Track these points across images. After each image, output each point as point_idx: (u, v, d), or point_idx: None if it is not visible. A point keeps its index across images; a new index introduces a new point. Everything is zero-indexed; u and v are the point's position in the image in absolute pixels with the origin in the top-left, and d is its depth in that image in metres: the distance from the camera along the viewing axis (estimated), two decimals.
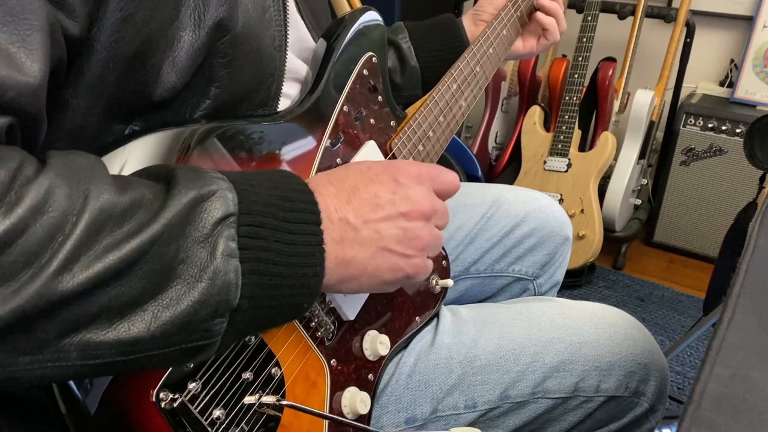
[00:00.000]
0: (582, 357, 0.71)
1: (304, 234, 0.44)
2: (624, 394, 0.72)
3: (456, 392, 0.68)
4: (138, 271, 0.37)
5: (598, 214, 1.85)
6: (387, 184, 0.51)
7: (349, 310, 0.61)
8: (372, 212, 0.49)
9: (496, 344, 0.70)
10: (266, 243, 0.42)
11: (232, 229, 0.40)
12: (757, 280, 0.49)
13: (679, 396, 1.45)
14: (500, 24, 0.88)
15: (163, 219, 0.38)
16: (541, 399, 0.70)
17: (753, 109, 1.93)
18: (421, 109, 0.73)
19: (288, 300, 0.43)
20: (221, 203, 0.40)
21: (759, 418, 0.36)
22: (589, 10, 1.87)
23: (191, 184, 0.40)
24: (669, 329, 1.77)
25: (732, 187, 1.94)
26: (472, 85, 0.82)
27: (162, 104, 0.50)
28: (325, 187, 0.48)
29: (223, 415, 0.48)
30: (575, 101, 1.89)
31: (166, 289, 0.38)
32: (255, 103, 0.57)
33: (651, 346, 0.75)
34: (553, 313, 0.76)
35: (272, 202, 0.43)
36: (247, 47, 0.53)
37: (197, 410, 0.46)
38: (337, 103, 0.63)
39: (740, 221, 1.14)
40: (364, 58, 0.67)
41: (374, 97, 0.68)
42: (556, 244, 0.95)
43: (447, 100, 0.77)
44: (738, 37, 2.04)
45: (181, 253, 0.38)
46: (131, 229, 0.37)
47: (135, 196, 0.39)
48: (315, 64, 0.64)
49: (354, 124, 0.64)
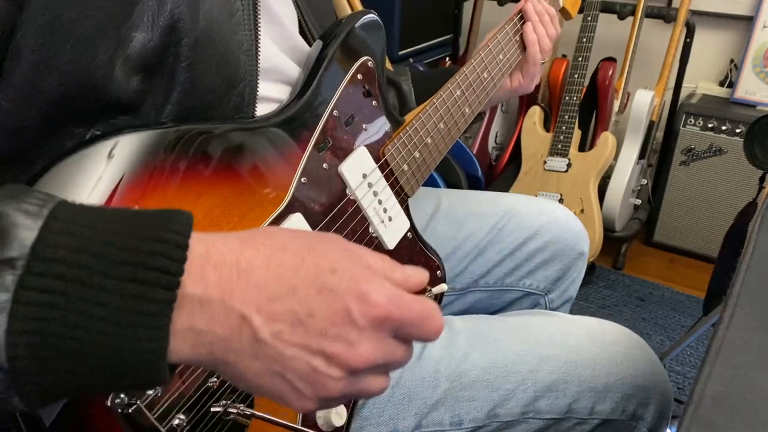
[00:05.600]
0: (577, 377, 0.68)
1: (129, 297, 0.33)
2: (620, 417, 0.69)
3: (441, 408, 0.65)
4: None
5: (598, 214, 1.85)
6: (333, 309, 0.37)
7: None
8: (291, 331, 0.37)
9: (488, 359, 0.67)
10: (64, 300, 0.33)
11: (9, 277, 0.32)
12: (757, 280, 0.49)
13: (679, 396, 1.45)
14: (507, 33, 0.87)
15: None
16: (532, 419, 0.67)
17: (753, 109, 1.93)
18: (419, 115, 0.71)
19: (104, 371, 0.34)
20: (7, 243, 0.32)
21: (759, 418, 0.36)
22: (589, 10, 1.87)
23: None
24: (669, 329, 1.77)
25: (732, 187, 1.94)
26: (478, 92, 0.79)
27: (122, 107, 0.48)
28: (253, 271, 0.37)
29: (184, 422, 0.46)
30: (575, 101, 1.90)
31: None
32: (228, 109, 0.55)
33: (653, 366, 0.72)
34: (551, 329, 0.73)
35: (93, 250, 0.33)
36: (210, 51, 0.51)
37: (155, 416, 0.44)
38: (326, 106, 0.61)
39: (740, 221, 1.14)
40: (359, 62, 0.65)
41: (368, 101, 0.66)
42: (570, 259, 0.92)
43: (449, 106, 0.74)
44: (738, 37, 2.04)
45: None
46: None
47: None
48: (307, 66, 0.63)
49: (344, 129, 0.63)
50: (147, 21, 0.47)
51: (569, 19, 1.03)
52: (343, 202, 0.62)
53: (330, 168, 0.60)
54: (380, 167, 0.66)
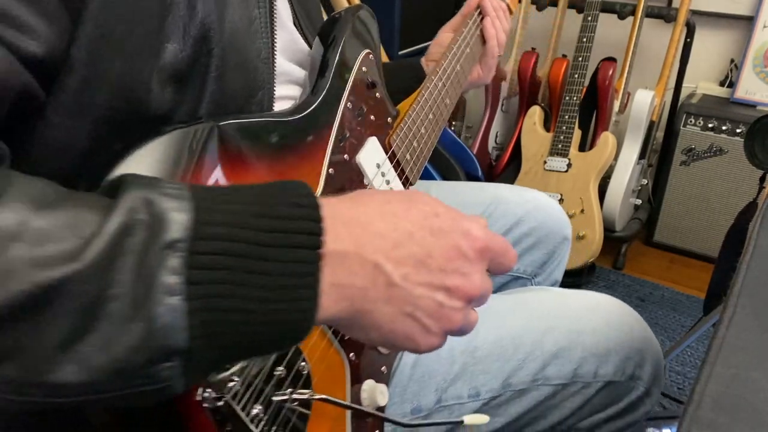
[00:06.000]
0: (580, 344, 0.72)
1: (286, 262, 0.36)
2: (621, 379, 0.74)
3: (459, 382, 0.70)
4: (58, 308, 0.32)
5: (598, 214, 1.85)
6: (447, 247, 0.43)
7: None
8: (416, 272, 0.42)
9: (496, 334, 0.72)
10: (229, 274, 0.35)
11: (176, 260, 0.33)
12: (757, 280, 0.49)
13: (679, 396, 1.45)
14: (470, 27, 0.92)
15: (92, 249, 0.32)
16: (542, 386, 0.71)
17: (753, 109, 1.93)
18: (413, 106, 0.74)
19: (263, 337, 0.37)
20: (165, 227, 0.34)
21: (759, 418, 0.36)
22: (589, 10, 1.87)
23: (131, 204, 0.34)
24: (669, 329, 1.77)
25: (732, 187, 1.94)
26: (455, 84, 0.84)
27: (158, 120, 0.48)
28: (372, 223, 0.41)
29: (261, 411, 0.48)
30: (575, 101, 1.89)
31: (94, 331, 0.33)
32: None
33: (645, 332, 0.78)
34: (550, 302, 0.78)
35: (246, 223, 0.36)
36: (235, 60, 0.52)
37: (240, 407, 0.46)
38: (341, 101, 0.64)
39: (740, 221, 1.14)
40: (362, 56, 0.68)
41: (372, 93, 0.69)
42: (555, 244, 0.97)
43: (435, 98, 0.79)
44: (738, 37, 2.04)
45: (112, 289, 0.33)
46: (48, 257, 0.32)
47: (59, 218, 0.33)
48: (314, 65, 0.65)
49: (357, 120, 0.66)
50: (178, 31, 0.47)
51: (511, 14, 1.07)
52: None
53: (349, 159, 0.63)
54: (389, 157, 0.69)
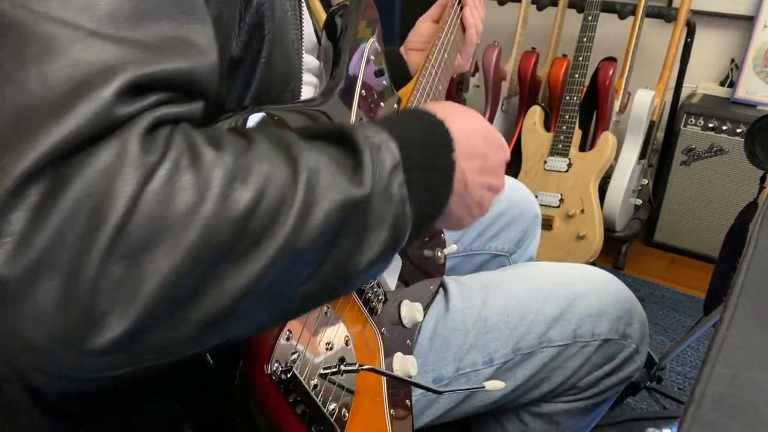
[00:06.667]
0: (577, 307, 0.80)
1: (438, 168, 0.49)
2: (615, 337, 0.82)
3: (474, 351, 0.77)
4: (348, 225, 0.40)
5: (598, 214, 1.84)
6: (496, 157, 0.58)
7: (391, 281, 0.67)
8: (480, 176, 0.56)
9: (503, 304, 0.80)
10: (418, 183, 0.46)
11: (400, 176, 0.43)
12: (757, 280, 0.49)
13: (680, 396, 1.45)
14: (452, 17, 0.94)
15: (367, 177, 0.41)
16: (547, 348, 0.79)
17: (753, 109, 1.93)
18: (414, 93, 0.77)
19: (426, 230, 0.53)
20: (388, 153, 0.43)
21: (759, 418, 0.36)
22: (590, 9, 1.87)
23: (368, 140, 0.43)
24: (669, 329, 1.76)
25: (732, 187, 1.94)
26: (445, 71, 0.88)
27: (216, 105, 0.49)
28: (458, 136, 0.52)
29: (318, 383, 0.52)
30: (575, 101, 1.89)
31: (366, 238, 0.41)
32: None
33: (629, 295, 0.86)
34: (543, 273, 0.86)
35: (417, 140, 0.47)
36: (280, 47, 0.55)
37: (303, 379, 0.51)
38: (355, 89, 0.67)
39: (741, 221, 1.14)
40: (369, 45, 0.70)
41: (380, 80, 0.72)
42: (527, 221, 1.05)
43: (431, 85, 0.82)
44: (738, 36, 2.04)
45: (370, 205, 0.41)
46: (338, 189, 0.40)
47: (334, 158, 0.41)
48: (327, 56, 0.67)
49: (370, 107, 0.69)
50: (235, 18, 0.49)
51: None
52: None
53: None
54: None
